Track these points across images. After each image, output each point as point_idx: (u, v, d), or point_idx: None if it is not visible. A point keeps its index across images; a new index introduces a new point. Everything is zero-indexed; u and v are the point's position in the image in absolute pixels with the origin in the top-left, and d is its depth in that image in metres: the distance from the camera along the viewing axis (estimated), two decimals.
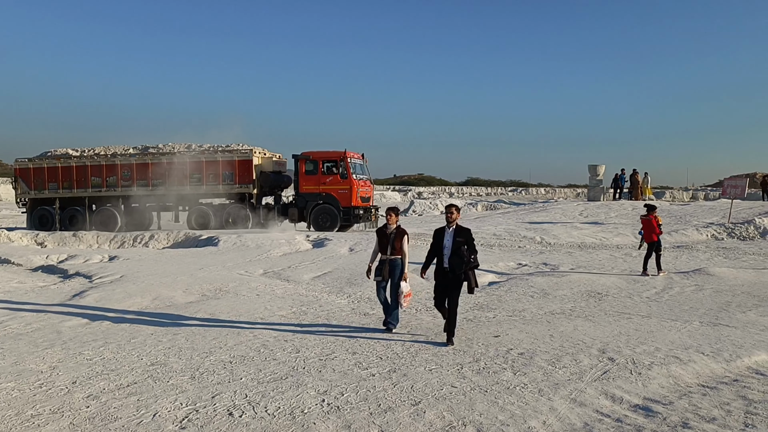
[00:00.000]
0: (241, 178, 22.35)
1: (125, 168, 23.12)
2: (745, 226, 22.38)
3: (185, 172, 22.42)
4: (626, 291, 11.15)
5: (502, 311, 9.44)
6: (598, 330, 8.03)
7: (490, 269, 14.13)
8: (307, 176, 21.80)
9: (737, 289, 11.28)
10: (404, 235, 7.83)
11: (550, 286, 11.53)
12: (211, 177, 22.49)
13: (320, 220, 21.51)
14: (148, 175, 22.82)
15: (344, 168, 21.52)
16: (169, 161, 22.76)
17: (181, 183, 22.45)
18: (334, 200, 21.42)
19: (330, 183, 21.53)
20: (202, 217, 22.59)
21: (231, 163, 22.44)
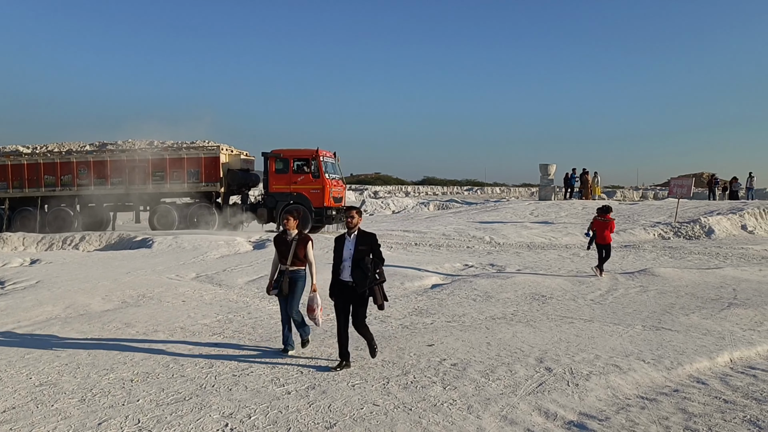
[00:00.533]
0: (207, 176, 21.23)
1: (81, 166, 21.67)
2: (691, 226, 22.61)
3: (147, 169, 21.24)
4: (571, 293, 10.85)
5: (441, 316, 8.97)
6: (538, 336, 7.63)
7: (435, 270, 13.71)
8: (277, 175, 20.83)
9: (681, 290, 11.10)
10: (308, 242, 6.74)
11: (494, 288, 11.15)
12: (175, 175, 21.29)
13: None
14: (106, 173, 21.49)
15: (316, 167, 20.59)
16: (129, 158, 21.48)
17: (142, 181, 21.28)
18: (305, 200, 20.47)
19: (301, 182, 20.63)
20: (165, 216, 21.42)
21: (197, 161, 21.27)
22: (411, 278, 12.20)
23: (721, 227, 22.56)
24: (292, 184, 20.72)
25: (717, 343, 7.40)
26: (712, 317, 8.91)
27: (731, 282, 11.94)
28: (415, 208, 37.40)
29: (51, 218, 21.78)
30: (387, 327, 8.26)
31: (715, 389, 5.80)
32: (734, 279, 12.31)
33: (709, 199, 32.65)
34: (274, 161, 21.00)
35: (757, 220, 23.76)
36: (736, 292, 10.83)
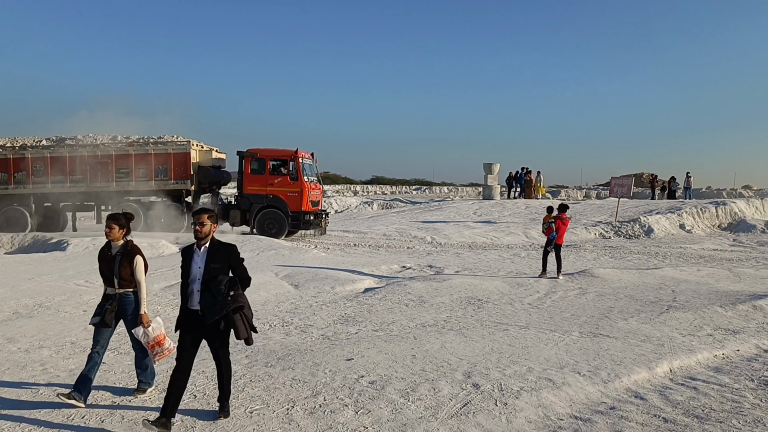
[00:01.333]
0: (176, 174, 19.73)
1: (37, 162, 19.87)
2: (631, 225, 22.67)
3: (110, 166, 19.71)
4: (508, 296, 10.34)
5: (368, 324, 8.29)
6: (469, 347, 7.03)
7: (371, 273, 13.04)
8: (253, 176, 19.49)
9: (620, 292, 10.75)
10: (134, 257, 5.13)
11: (429, 292, 10.55)
12: (141, 172, 19.73)
13: (266, 225, 19.22)
14: (65, 170, 19.77)
15: (295, 169, 19.30)
16: (90, 154, 19.86)
17: (105, 179, 19.73)
18: (282, 204, 19.19)
19: (278, 185, 19.31)
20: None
21: (165, 157, 19.74)
22: (343, 282, 11.49)
23: (660, 226, 22.70)
24: (268, 186, 19.32)
25: (656, 351, 6.96)
26: (651, 322, 8.52)
27: (670, 283, 11.69)
28: (358, 207, 36.72)
29: (2, 218, 20.03)
30: (306, 338, 7.52)
31: (655, 405, 5.31)
32: (673, 280, 12.09)
33: (652, 198, 33.11)
34: (249, 161, 19.50)
35: (694, 219, 24.05)
36: (675, 294, 10.55)
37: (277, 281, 11.41)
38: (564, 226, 12.53)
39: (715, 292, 10.76)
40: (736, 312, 9.15)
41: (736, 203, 25.48)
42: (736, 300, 9.84)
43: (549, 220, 12.54)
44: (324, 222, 20.33)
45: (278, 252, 15.15)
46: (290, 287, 11.06)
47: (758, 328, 8.31)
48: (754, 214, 25.37)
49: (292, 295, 10.45)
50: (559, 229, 12.35)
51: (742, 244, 20.80)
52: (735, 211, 24.78)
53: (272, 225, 19.24)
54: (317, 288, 10.96)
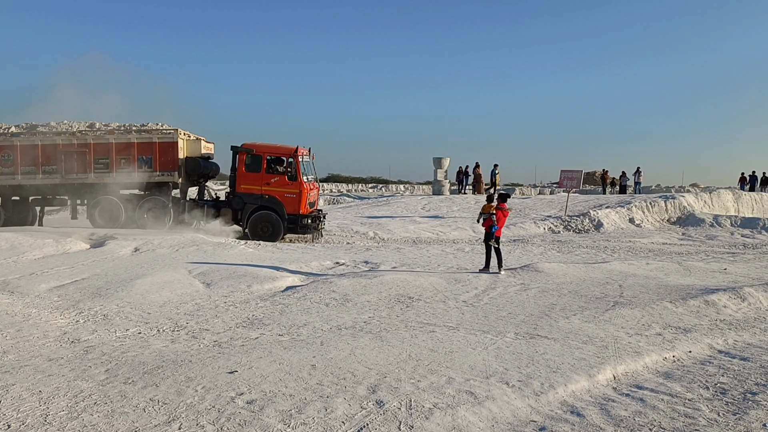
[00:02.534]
0: (162, 165, 17.68)
1: (5, 150, 17.68)
2: (581, 219, 22.10)
3: (88, 156, 17.60)
4: (443, 293, 9.34)
5: (274, 328, 7.15)
6: (383, 353, 5.97)
7: (298, 270, 11.88)
8: (247, 173, 17.50)
9: (564, 287, 9.88)
10: None
11: (356, 290, 9.46)
12: (123, 162, 17.63)
13: (259, 227, 17.42)
14: (36, 159, 17.57)
15: (294, 168, 17.35)
16: (66, 142, 17.70)
17: (82, 170, 17.62)
18: (278, 205, 17.33)
19: (275, 184, 17.37)
20: (108, 211, 17.64)
21: (150, 146, 17.69)
22: (263, 279, 10.31)
23: (609, 220, 22.19)
24: (263, 185, 17.37)
25: (599, 354, 6.03)
26: (596, 320, 7.62)
27: (617, 277, 10.90)
28: None
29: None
30: (193, 345, 6.33)
31: (593, 424, 4.34)
32: (621, 274, 11.31)
33: (603, 194, 32.83)
34: (244, 157, 17.51)
35: (644, 213, 23.65)
36: (623, 289, 9.73)
37: (187, 279, 10.16)
38: (504, 218, 11.55)
39: (664, 286, 9.99)
40: (687, 308, 8.35)
41: (685, 197, 25.22)
42: (687, 295, 9.06)
43: (490, 210, 11.44)
44: (321, 225, 18.51)
45: (200, 248, 13.84)
46: (201, 286, 9.82)
47: (711, 326, 7.51)
48: (702, 208, 25.16)
49: (199, 294, 9.22)
50: (499, 220, 11.36)
51: (691, 238, 20.42)
52: (684, 205, 24.50)
53: (266, 227, 17.44)
54: (231, 287, 9.76)
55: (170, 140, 17.88)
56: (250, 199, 17.61)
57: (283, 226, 17.48)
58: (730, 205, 26.61)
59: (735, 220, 23.10)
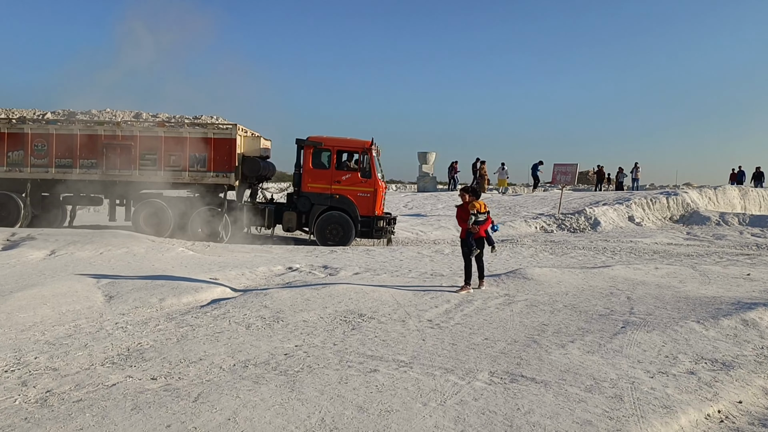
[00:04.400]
0: (218, 164, 15.47)
1: (39, 139, 15.49)
2: (576, 217, 20.16)
3: (133, 150, 15.43)
4: (405, 309, 7.32)
5: (154, 365, 5.11)
6: (282, 417, 3.94)
7: (239, 276, 9.88)
8: (315, 170, 15.61)
9: (559, 300, 7.88)
10: None
11: (296, 304, 7.44)
12: (172, 160, 15.48)
13: (328, 230, 15.48)
14: (74, 151, 15.43)
15: (368, 163, 15.55)
16: (109, 134, 15.54)
17: (126, 166, 15.44)
18: (350, 205, 15.42)
19: (346, 182, 15.50)
20: (156, 216, 15.45)
21: (204, 143, 15.49)
22: (183, 291, 8.26)
23: (607, 219, 20.27)
24: (333, 184, 15.50)
25: (612, 412, 4.03)
26: (602, 349, 5.62)
27: (624, 286, 8.92)
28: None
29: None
30: (6, 402, 4.26)
31: None
32: (627, 281, 9.34)
33: (595, 191, 30.91)
34: (311, 152, 15.64)
35: (644, 211, 21.74)
36: (632, 302, 7.74)
37: (86, 292, 8.09)
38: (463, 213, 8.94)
39: (683, 298, 8.01)
40: (720, 330, 6.36)
41: (688, 194, 23.32)
42: (717, 311, 7.07)
43: (483, 209, 8.63)
44: (393, 228, 16.38)
45: (130, 251, 11.76)
46: (100, 300, 7.77)
47: (758, 358, 5.52)
48: (707, 206, 23.29)
49: (90, 312, 7.16)
50: (487, 222, 8.87)
51: (697, 238, 18.55)
52: (687, 202, 22.60)
53: (336, 231, 15.44)
54: (139, 300, 7.71)
55: (228, 137, 15.54)
56: (318, 200, 15.55)
57: (355, 230, 15.42)
58: (737, 202, 24.75)
59: (743, 218, 21.24)
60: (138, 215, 15.52)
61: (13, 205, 15.54)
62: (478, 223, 8.51)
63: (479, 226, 8.53)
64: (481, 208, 8.53)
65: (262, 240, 16.06)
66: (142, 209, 15.51)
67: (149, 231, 15.11)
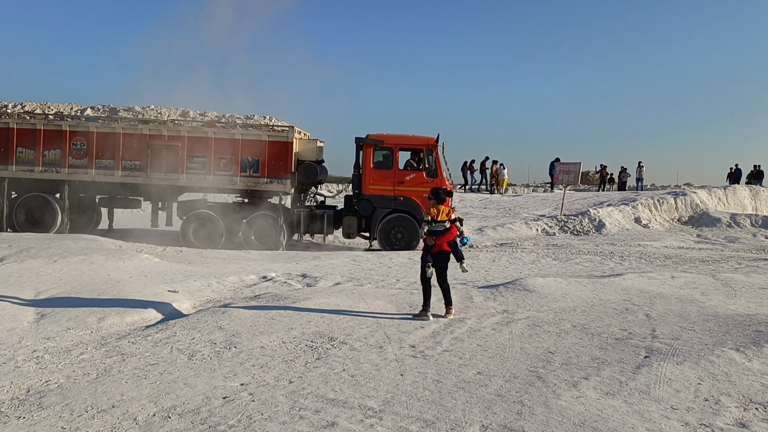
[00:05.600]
0: (272, 169, 14.30)
1: (78, 138, 14.26)
2: (579, 219, 19.04)
3: (180, 152, 14.24)
4: (384, 330, 6.19)
5: (44, 419, 3.96)
6: None
7: (203, 288, 8.76)
8: (377, 171, 14.45)
9: (566, 318, 6.75)
10: None
11: (256, 325, 6.32)
12: (223, 163, 14.31)
13: (392, 234, 14.34)
14: (116, 152, 14.20)
15: (434, 162, 14.37)
16: (155, 133, 14.36)
17: (172, 168, 14.26)
18: (415, 208, 14.14)
19: (410, 182, 14.32)
20: (206, 227, 14.25)
21: (258, 145, 14.30)
22: (130, 308, 7.14)
23: (612, 220, 19.14)
24: (397, 185, 14.30)
25: None
26: (624, 389, 4.49)
27: (639, 300, 7.79)
28: None
29: (21, 212, 14.35)
30: None
31: None
32: (642, 294, 8.20)
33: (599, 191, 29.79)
34: (371, 151, 14.47)
35: (651, 212, 20.62)
36: (653, 322, 6.60)
37: (14, 309, 6.96)
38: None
39: (712, 316, 6.87)
40: (764, 359, 5.22)
41: (697, 194, 22.18)
42: (756, 335, 5.94)
43: (444, 216, 6.87)
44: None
45: (88, 259, 10.59)
46: (28, 319, 6.64)
47: None
48: (717, 206, 22.16)
49: (9, 335, 6.03)
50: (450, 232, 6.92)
51: (708, 241, 17.43)
52: (696, 202, 21.47)
53: (401, 235, 14.31)
54: (73, 320, 6.57)
55: (284, 140, 14.35)
56: (381, 203, 14.38)
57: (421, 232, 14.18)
58: (747, 203, 23.64)
59: (755, 220, 20.14)
60: (187, 226, 14.26)
61: (50, 210, 14.35)
62: (435, 234, 6.79)
63: (437, 238, 6.79)
64: (440, 215, 6.82)
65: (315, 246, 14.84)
66: (192, 221, 14.25)
67: (197, 242, 13.99)
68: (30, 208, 14.42)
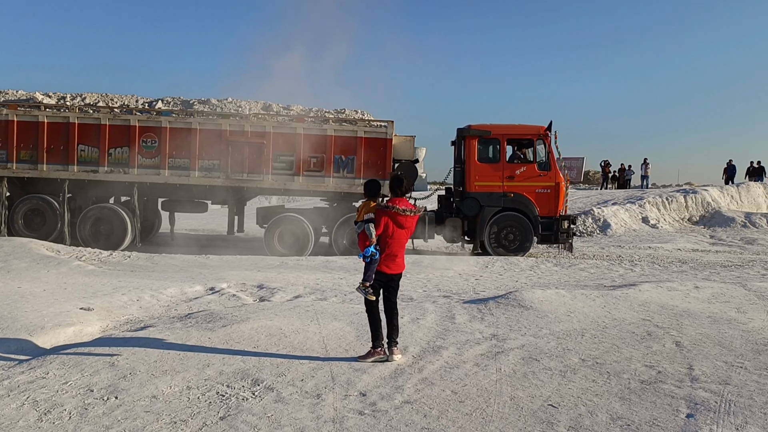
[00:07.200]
0: (368, 169, 12.73)
1: (149, 134, 12.65)
2: (583, 219, 17.51)
3: (265, 150, 12.67)
4: (332, 368, 4.64)
5: None
6: None
7: (128, 304, 7.22)
8: (483, 165, 12.89)
9: (572, 346, 5.19)
10: None
11: (163, 360, 4.78)
12: (313, 163, 12.82)
13: (503, 236, 12.81)
14: (192, 150, 12.58)
15: (546, 153, 12.85)
16: (236, 129, 12.74)
17: (256, 168, 12.72)
18: (528, 205, 12.72)
19: (521, 177, 12.79)
20: (294, 234, 12.64)
21: (352, 143, 12.81)
22: (13, 334, 5.57)
23: (618, 220, 17.61)
24: (505, 180, 12.78)
25: None
26: None
27: (663, 319, 6.23)
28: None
29: (87, 225, 12.55)
30: None
31: None
32: (664, 311, 6.64)
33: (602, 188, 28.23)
34: (476, 143, 12.91)
35: (659, 211, 19.08)
36: (686, 353, 5.04)
37: None
38: (402, 231, 4.96)
39: (763, 345, 5.31)
40: None
41: (708, 191, 20.66)
42: None
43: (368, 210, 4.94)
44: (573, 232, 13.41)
45: (6, 266, 9.03)
46: None
47: None
48: (729, 204, 20.63)
49: None
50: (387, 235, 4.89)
51: (724, 243, 15.90)
52: (708, 201, 19.95)
53: (513, 236, 12.79)
54: None
55: (382, 136, 12.82)
56: (488, 200, 12.78)
57: (535, 233, 12.71)
58: (762, 201, 22.11)
59: None
60: (272, 233, 12.65)
61: (118, 221, 12.60)
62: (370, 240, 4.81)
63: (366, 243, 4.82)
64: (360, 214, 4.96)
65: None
66: (277, 226, 12.66)
67: (284, 250, 12.43)
68: (98, 218, 12.63)
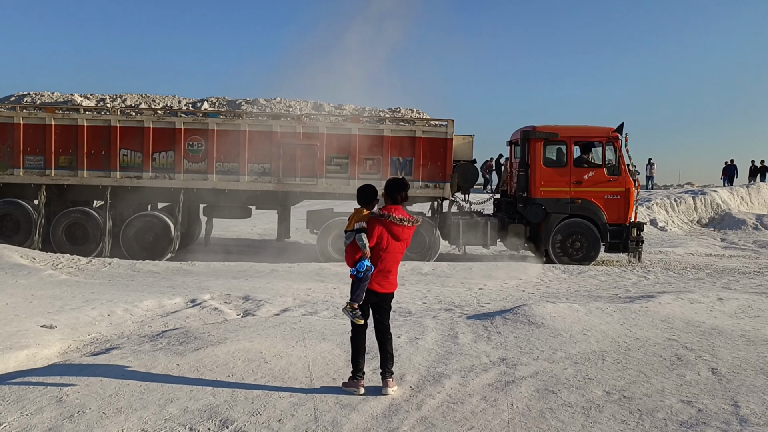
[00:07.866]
0: (428, 172, 12.13)
1: (195, 137, 11.98)
2: None
3: (319, 152, 12.07)
4: (316, 402, 3.98)
5: None
6: None
7: (97, 320, 6.56)
8: (548, 170, 12.24)
9: (592, 375, 4.52)
10: None
11: (120, 394, 4.12)
12: (369, 165, 12.18)
13: (569, 244, 12.13)
14: (242, 153, 11.94)
15: (616, 156, 12.16)
16: (287, 130, 12.10)
17: (309, 172, 12.11)
18: (596, 212, 12.07)
19: (589, 182, 12.14)
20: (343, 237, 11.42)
21: (410, 143, 12.13)
22: None
23: None
24: (573, 185, 12.12)
25: None
26: None
27: (690, 338, 5.57)
28: None
29: (129, 234, 11.87)
30: None
31: None
32: (691, 328, 5.98)
33: None
34: (541, 146, 12.26)
35: (668, 213, 18.43)
36: (726, 384, 4.37)
37: None
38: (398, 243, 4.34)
39: None
40: None
41: (717, 193, 20.01)
42: None
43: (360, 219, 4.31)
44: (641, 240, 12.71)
45: None
46: None
47: None
48: (740, 206, 19.97)
49: None
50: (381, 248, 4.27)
51: (737, 246, 15.26)
52: (717, 202, 19.30)
53: (580, 244, 12.11)
54: None
55: (441, 136, 12.14)
56: (555, 207, 12.11)
57: (603, 241, 12.03)
58: None
59: None
60: (325, 237, 11.98)
61: (162, 229, 11.89)
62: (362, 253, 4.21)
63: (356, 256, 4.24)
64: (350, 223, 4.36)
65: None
66: (330, 231, 11.94)
67: (338, 256, 11.54)
68: (140, 227, 11.93)
